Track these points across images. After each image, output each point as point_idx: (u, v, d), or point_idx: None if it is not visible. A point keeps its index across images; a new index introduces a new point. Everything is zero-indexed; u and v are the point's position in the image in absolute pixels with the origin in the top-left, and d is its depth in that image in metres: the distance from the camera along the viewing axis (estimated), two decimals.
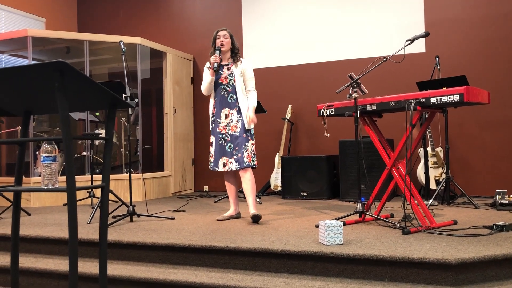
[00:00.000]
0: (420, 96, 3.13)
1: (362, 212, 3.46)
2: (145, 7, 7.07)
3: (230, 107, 3.80)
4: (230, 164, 3.76)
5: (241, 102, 3.79)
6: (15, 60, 6.08)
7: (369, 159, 4.87)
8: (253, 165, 3.78)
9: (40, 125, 5.97)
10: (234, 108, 3.80)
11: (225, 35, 3.88)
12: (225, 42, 3.85)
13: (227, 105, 3.81)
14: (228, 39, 3.87)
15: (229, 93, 3.81)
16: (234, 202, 3.94)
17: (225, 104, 3.82)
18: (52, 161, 1.86)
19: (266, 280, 2.51)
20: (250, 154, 3.76)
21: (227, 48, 3.86)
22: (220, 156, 3.79)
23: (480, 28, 5.30)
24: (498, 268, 2.41)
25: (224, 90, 3.82)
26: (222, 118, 3.82)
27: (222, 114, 3.82)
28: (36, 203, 5.15)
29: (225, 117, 3.81)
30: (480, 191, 5.22)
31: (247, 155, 3.74)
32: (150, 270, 2.79)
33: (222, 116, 3.82)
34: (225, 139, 3.80)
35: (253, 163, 3.78)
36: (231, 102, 3.81)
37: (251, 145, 3.78)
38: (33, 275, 2.99)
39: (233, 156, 3.75)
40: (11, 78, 1.73)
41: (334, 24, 5.94)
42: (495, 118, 5.20)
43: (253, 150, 3.79)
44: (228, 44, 3.87)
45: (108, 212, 1.96)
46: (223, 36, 3.86)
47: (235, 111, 3.80)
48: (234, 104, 3.80)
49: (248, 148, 3.76)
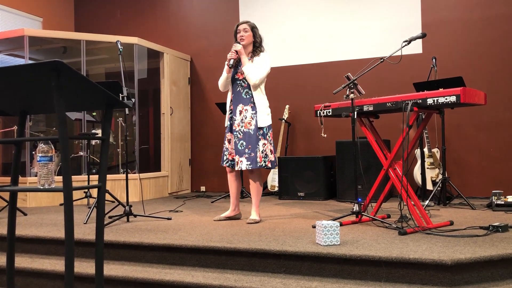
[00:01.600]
0: (417, 97, 3.13)
1: (358, 213, 3.46)
2: (142, 7, 7.07)
3: (245, 103, 3.67)
4: (240, 163, 3.61)
5: (256, 98, 3.65)
6: (12, 59, 6.06)
7: (366, 159, 4.88)
8: (265, 166, 3.64)
9: (37, 125, 5.95)
10: (248, 104, 3.66)
11: (245, 28, 3.74)
12: (245, 36, 3.72)
13: (242, 101, 3.68)
14: (248, 33, 3.74)
15: (244, 88, 3.69)
16: (234, 202, 3.83)
17: (240, 100, 3.68)
18: (48, 161, 1.85)
19: (263, 281, 2.51)
20: (262, 155, 3.63)
21: (247, 42, 3.73)
22: (235, 154, 3.65)
23: (477, 30, 5.31)
24: (494, 268, 2.41)
25: (240, 86, 3.70)
26: (237, 115, 3.68)
27: (237, 110, 3.68)
28: (32, 203, 5.14)
29: (239, 113, 3.67)
30: (476, 192, 5.24)
31: (259, 155, 3.61)
32: (146, 271, 2.78)
33: (237, 112, 3.68)
34: (238, 136, 3.65)
35: (264, 164, 3.63)
36: (246, 98, 3.67)
37: (263, 145, 3.63)
38: (29, 275, 2.98)
39: (245, 155, 3.61)
40: (7, 77, 1.73)
41: (331, 25, 5.95)
42: (492, 119, 5.22)
43: (265, 150, 3.64)
44: (249, 38, 3.74)
45: (104, 212, 1.96)
46: (243, 30, 3.73)
47: (249, 107, 3.65)
48: (249, 100, 3.67)
49: (260, 148, 3.62)
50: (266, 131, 3.69)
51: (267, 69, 3.70)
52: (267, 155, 3.66)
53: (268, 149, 3.68)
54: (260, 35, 3.83)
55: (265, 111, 3.69)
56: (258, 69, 3.66)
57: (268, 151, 3.67)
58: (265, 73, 3.68)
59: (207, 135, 6.59)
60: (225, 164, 3.76)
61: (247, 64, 3.66)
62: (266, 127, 3.69)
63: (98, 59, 6.47)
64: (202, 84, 6.71)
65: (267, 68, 3.70)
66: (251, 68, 3.64)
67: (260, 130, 3.66)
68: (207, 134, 6.59)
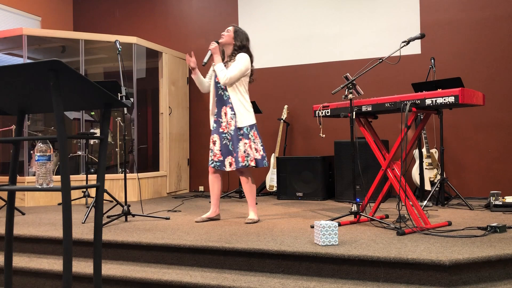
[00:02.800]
0: (416, 97, 3.14)
1: (357, 213, 3.46)
2: (141, 6, 7.06)
3: (226, 104, 3.71)
4: (234, 164, 3.65)
5: (233, 99, 3.68)
6: (10, 58, 6.05)
7: (364, 160, 4.88)
8: (248, 165, 3.65)
9: (35, 124, 5.94)
10: (227, 105, 3.70)
11: (228, 29, 3.78)
12: (225, 35, 3.76)
13: (224, 103, 3.72)
14: (229, 33, 3.76)
15: (224, 91, 3.72)
16: (215, 203, 3.83)
17: (223, 102, 3.73)
18: (47, 160, 1.85)
19: (261, 281, 2.51)
20: (244, 154, 3.65)
21: (225, 41, 3.75)
22: (226, 155, 3.68)
23: (475, 30, 5.32)
24: (492, 269, 2.42)
25: (220, 89, 3.74)
26: (223, 117, 3.72)
27: (222, 113, 3.72)
28: (30, 202, 5.13)
29: (225, 115, 3.71)
30: (474, 192, 5.24)
31: (240, 155, 3.64)
32: (144, 270, 2.78)
33: (223, 115, 3.72)
34: (228, 138, 3.69)
35: (247, 163, 3.64)
36: (225, 99, 3.72)
37: (244, 145, 3.65)
38: (27, 274, 2.98)
39: (229, 156, 3.69)
40: (5, 77, 1.73)
41: (330, 25, 5.96)
42: (490, 119, 5.23)
43: (247, 149, 3.64)
44: (228, 38, 3.75)
45: (102, 211, 1.96)
46: (226, 30, 3.78)
47: (228, 108, 3.70)
48: (227, 101, 3.71)
49: (241, 148, 3.65)
50: (248, 131, 3.68)
51: (240, 67, 3.64)
52: (249, 154, 3.65)
53: (251, 148, 3.66)
54: (243, 41, 3.79)
55: (243, 111, 3.68)
56: (230, 68, 3.65)
57: (249, 150, 3.65)
58: (237, 72, 3.63)
59: (206, 135, 6.59)
60: (210, 165, 3.77)
61: (218, 63, 3.66)
62: (247, 127, 3.68)
63: (97, 59, 6.46)
64: None
65: (240, 67, 3.64)
66: (222, 67, 3.64)
67: (240, 130, 3.67)
68: (206, 134, 6.59)
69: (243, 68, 3.67)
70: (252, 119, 3.72)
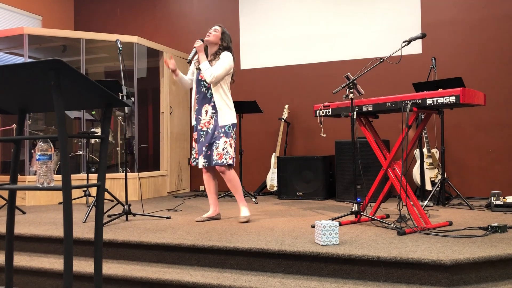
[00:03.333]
0: (416, 97, 3.13)
1: (357, 213, 3.46)
2: (142, 6, 7.06)
3: (208, 103, 3.72)
4: (207, 161, 3.68)
5: (216, 98, 3.68)
6: (11, 58, 6.05)
7: (365, 159, 4.88)
8: (226, 163, 3.61)
9: (36, 123, 5.94)
10: (210, 104, 3.71)
11: (215, 29, 3.79)
12: (212, 34, 3.77)
13: (206, 101, 3.73)
14: (216, 33, 3.77)
15: (208, 89, 3.73)
16: (213, 202, 3.84)
17: (205, 100, 3.73)
18: (47, 159, 1.85)
19: (262, 280, 2.51)
20: (222, 152, 3.62)
21: (212, 40, 3.76)
22: (200, 153, 3.71)
23: (476, 30, 5.32)
24: (493, 269, 2.42)
25: (203, 87, 3.74)
26: (203, 115, 3.72)
27: (203, 110, 3.73)
28: (31, 201, 5.13)
29: (206, 113, 3.71)
30: (475, 192, 5.24)
31: (217, 153, 3.62)
32: (145, 270, 2.78)
33: (203, 112, 3.72)
34: (204, 135, 3.72)
35: (225, 161, 3.61)
36: (209, 98, 3.72)
37: (224, 143, 3.63)
38: (27, 274, 2.98)
39: (202, 153, 3.68)
40: (6, 76, 1.73)
41: (331, 25, 5.95)
42: (491, 119, 5.22)
43: (226, 147, 3.63)
44: (215, 38, 3.76)
45: (103, 211, 1.96)
46: (213, 29, 3.79)
47: (210, 107, 3.70)
48: (210, 99, 3.72)
49: (219, 146, 3.63)
50: (230, 129, 3.69)
51: (225, 66, 3.65)
52: (228, 152, 3.65)
53: (230, 147, 3.67)
54: (228, 43, 3.80)
55: (226, 110, 3.69)
56: (215, 66, 3.66)
57: (229, 149, 3.66)
58: (222, 71, 3.63)
59: None
60: (192, 163, 3.81)
61: (203, 62, 3.66)
62: (230, 125, 3.69)
63: (98, 58, 6.46)
64: None
65: (225, 65, 3.65)
66: (207, 66, 3.64)
67: (221, 128, 3.67)
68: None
69: (228, 67, 3.69)
70: (234, 118, 3.73)
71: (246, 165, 6.28)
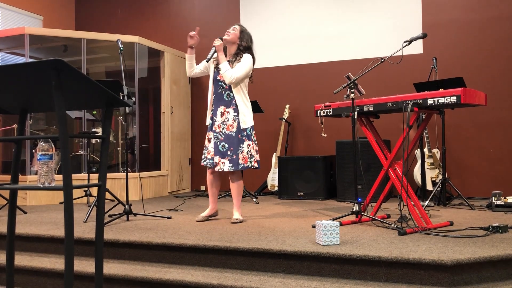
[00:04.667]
0: (417, 97, 3.13)
1: (358, 213, 3.46)
2: (143, 5, 7.07)
3: (226, 105, 3.67)
4: (222, 165, 3.62)
5: (238, 100, 3.65)
6: (12, 58, 6.06)
7: (366, 159, 4.88)
8: (251, 166, 3.66)
9: (37, 123, 5.95)
10: (230, 106, 3.66)
11: (234, 27, 3.75)
12: (230, 33, 3.72)
13: (223, 102, 3.68)
14: (235, 32, 3.73)
15: (226, 90, 3.68)
16: (214, 201, 3.84)
17: (222, 101, 3.69)
18: (48, 159, 1.85)
19: (262, 280, 2.51)
20: (246, 156, 3.63)
21: (231, 39, 3.72)
22: (215, 154, 3.68)
23: (477, 30, 5.31)
24: (494, 269, 2.41)
25: (221, 87, 3.70)
26: (218, 116, 3.69)
27: (219, 111, 3.69)
28: (32, 201, 5.14)
29: (221, 115, 3.68)
30: (476, 192, 5.24)
31: (243, 157, 3.62)
32: (146, 269, 2.78)
33: (218, 114, 3.69)
34: (219, 138, 3.67)
35: (251, 165, 3.65)
36: (228, 100, 3.67)
37: (247, 146, 3.64)
38: (28, 273, 2.99)
39: (227, 157, 3.63)
40: (7, 76, 1.73)
41: (332, 25, 5.95)
42: (492, 119, 5.22)
43: (250, 151, 3.65)
44: (234, 36, 3.72)
45: (104, 211, 1.96)
46: (232, 28, 3.75)
47: (231, 109, 3.66)
48: (230, 102, 3.67)
49: (244, 149, 3.63)
50: (250, 132, 3.69)
51: (246, 69, 3.63)
52: (252, 155, 3.67)
53: (254, 149, 3.69)
54: (248, 42, 3.77)
55: (247, 112, 3.68)
56: (236, 68, 3.62)
57: (253, 152, 3.68)
58: (243, 73, 3.62)
59: None
60: (203, 163, 3.77)
61: (223, 62, 3.61)
62: (250, 128, 3.69)
63: (99, 58, 6.47)
64: (203, 83, 6.71)
65: (246, 68, 3.63)
66: (227, 66, 3.60)
67: (243, 131, 3.66)
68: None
69: (248, 70, 3.67)
70: (252, 120, 3.73)
71: None
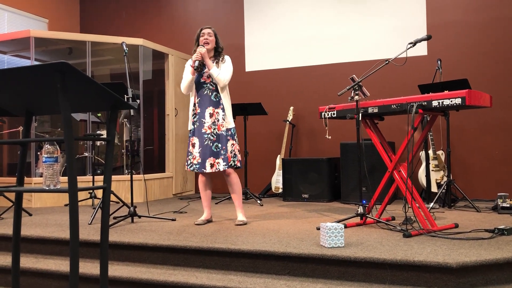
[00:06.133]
0: (422, 99, 3.12)
1: (363, 215, 3.45)
2: (148, 8, 7.09)
3: (215, 106, 3.72)
4: (217, 165, 3.65)
5: (225, 100, 3.74)
6: (18, 60, 6.09)
7: (370, 161, 4.87)
8: (234, 165, 3.69)
9: (42, 126, 5.98)
10: (219, 107, 3.72)
11: (209, 33, 3.80)
12: (209, 40, 3.78)
13: (212, 104, 3.72)
14: (212, 38, 3.79)
15: (213, 91, 3.73)
16: (208, 205, 3.84)
17: (210, 103, 3.72)
18: (54, 161, 1.86)
19: (267, 282, 2.51)
20: (230, 154, 3.68)
21: (211, 47, 3.78)
22: (207, 157, 3.67)
23: (482, 32, 5.29)
24: (500, 271, 2.40)
25: (207, 89, 3.74)
26: (207, 118, 3.71)
27: (207, 113, 3.72)
28: (37, 203, 5.16)
29: (210, 116, 3.71)
30: (481, 194, 5.21)
31: (228, 156, 3.67)
32: (150, 271, 2.79)
33: (207, 115, 3.72)
34: (211, 139, 3.69)
35: (234, 164, 3.68)
36: (215, 100, 3.72)
37: (231, 145, 3.70)
38: (34, 275, 3.00)
39: (221, 156, 3.66)
40: (13, 78, 1.74)
41: (336, 26, 5.95)
42: (497, 121, 5.19)
43: (234, 150, 3.71)
44: (212, 43, 3.79)
45: (109, 213, 1.96)
46: (207, 34, 3.79)
47: (220, 109, 3.71)
48: (218, 102, 3.72)
49: (229, 148, 3.68)
50: (234, 131, 3.77)
51: (231, 70, 3.79)
52: (236, 154, 3.73)
53: (236, 149, 3.75)
54: (220, 43, 3.87)
55: (230, 112, 3.78)
56: (225, 71, 3.74)
57: (236, 151, 3.74)
58: (230, 74, 3.78)
59: None
60: (189, 168, 3.76)
61: (214, 67, 3.70)
62: (233, 128, 3.77)
63: (103, 60, 6.49)
64: None
65: (231, 69, 3.79)
66: (218, 70, 3.71)
67: (228, 131, 3.72)
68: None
69: (231, 70, 3.81)
70: None
71: (251, 167, 6.28)
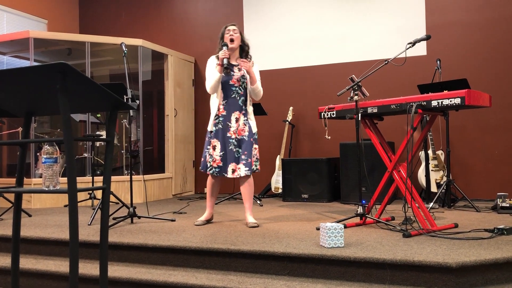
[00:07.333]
0: (421, 99, 3.13)
1: (363, 215, 3.45)
2: (147, 9, 7.09)
3: (240, 110, 3.65)
4: (238, 170, 3.59)
5: (249, 106, 3.70)
6: (17, 61, 6.09)
7: (370, 161, 4.87)
8: (256, 170, 3.69)
9: (41, 126, 5.97)
10: (242, 111, 3.66)
11: (234, 29, 3.66)
12: (234, 37, 3.64)
13: (238, 108, 3.65)
14: (238, 34, 3.66)
15: (241, 96, 3.66)
16: (211, 205, 3.81)
17: (237, 107, 3.64)
18: (53, 162, 1.86)
19: (267, 283, 2.51)
20: (253, 159, 3.66)
21: (236, 45, 3.66)
22: (230, 162, 3.61)
23: (481, 31, 5.30)
24: (499, 271, 2.40)
25: (236, 93, 3.64)
26: (233, 122, 3.63)
27: (233, 117, 3.64)
28: (37, 204, 5.15)
29: (236, 121, 3.64)
30: (481, 194, 5.21)
31: (252, 160, 3.64)
32: (150, 272, 2.79)
33: (233, 120, 3.64)
34: (234, 144, 3.63)
35: (256, 168, 3.69)
36: (241, 105, 3.66)
37: (254, 149, 3.68)
38: (33, 276, 2.99)
39: (242, 161, 3.61)
40: (13, 79, 1.74)
41: (336, 27, 5.95)
42: (496, 121, 5.20)
43: (256, 154, 3.70)
44: (238, 40, 3.66)
45: (108, 213, 1.96)
46: (232, 31, 3.65)
47: (242, 114, 3.65)
48: (242, 107, 3.66)
49: (253, 153, 3.66)
50: (256, 136, 3.75)
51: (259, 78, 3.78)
52: (257, 159, 3.73)
53: (258, 153, 3.76)
54: (246, 40, 3.77)
55: (253, 117, 3.75)
56: (259, 83, 3.74)
57: (258, 155, 3.75)
58: None
59: None
60: (208, 171, 3.68)
61: (259, 81, 3.70)
62: (256, 132, 3.75)
63: (103, 61, 6.49)
64: None
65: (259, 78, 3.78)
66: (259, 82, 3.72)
67: (254, 135, 3.70)
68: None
69: None
70: None
71: None
